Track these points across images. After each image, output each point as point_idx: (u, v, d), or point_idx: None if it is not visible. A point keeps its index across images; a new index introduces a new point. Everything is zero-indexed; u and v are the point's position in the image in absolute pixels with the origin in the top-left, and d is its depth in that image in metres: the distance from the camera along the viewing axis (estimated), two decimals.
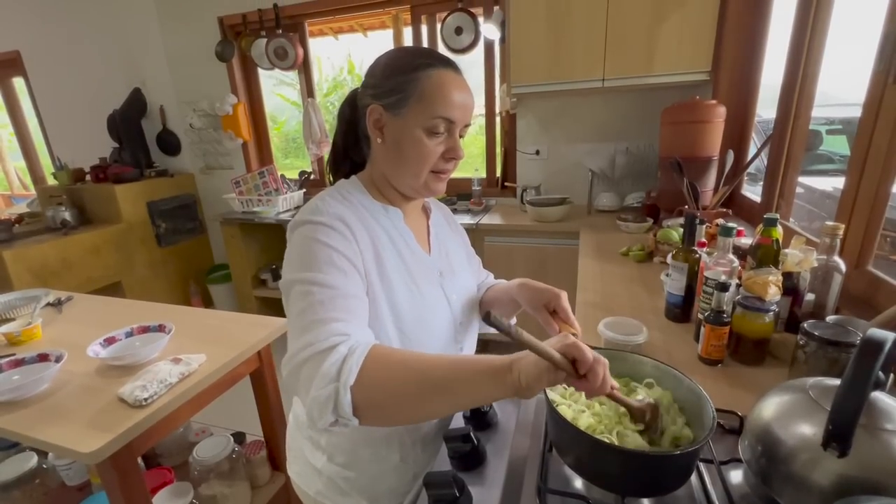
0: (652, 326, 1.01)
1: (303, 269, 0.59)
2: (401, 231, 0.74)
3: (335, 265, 0.60)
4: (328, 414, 0.49)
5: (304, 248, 0.62)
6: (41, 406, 0.98)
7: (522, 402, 0.78)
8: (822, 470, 0.47)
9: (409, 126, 0.66)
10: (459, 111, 0.66)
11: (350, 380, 0.49)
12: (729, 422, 0.67)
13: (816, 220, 1.95)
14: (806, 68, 1.41)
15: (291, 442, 0.86)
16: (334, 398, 0.49)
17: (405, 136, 0.66)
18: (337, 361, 0.50)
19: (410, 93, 0.65)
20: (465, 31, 2.44)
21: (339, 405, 0.49)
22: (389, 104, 0.66)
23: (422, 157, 0.67)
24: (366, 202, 0.73)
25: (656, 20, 1.89)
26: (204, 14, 2.92)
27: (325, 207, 0.66)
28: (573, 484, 0.59)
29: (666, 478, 0.51)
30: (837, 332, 0.73)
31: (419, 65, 0.65)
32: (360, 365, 0.50)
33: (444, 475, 0.56)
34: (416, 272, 0.72)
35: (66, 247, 2.57)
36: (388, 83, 0.66)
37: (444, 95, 0.65)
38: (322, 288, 0.57)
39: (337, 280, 0.59)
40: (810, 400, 0.51)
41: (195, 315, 1.43)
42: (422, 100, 0.65)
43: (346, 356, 0.51)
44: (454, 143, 0.68)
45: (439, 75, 0.65)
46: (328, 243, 0.61)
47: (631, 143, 2.40)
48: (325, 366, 0.50)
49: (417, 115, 0.65)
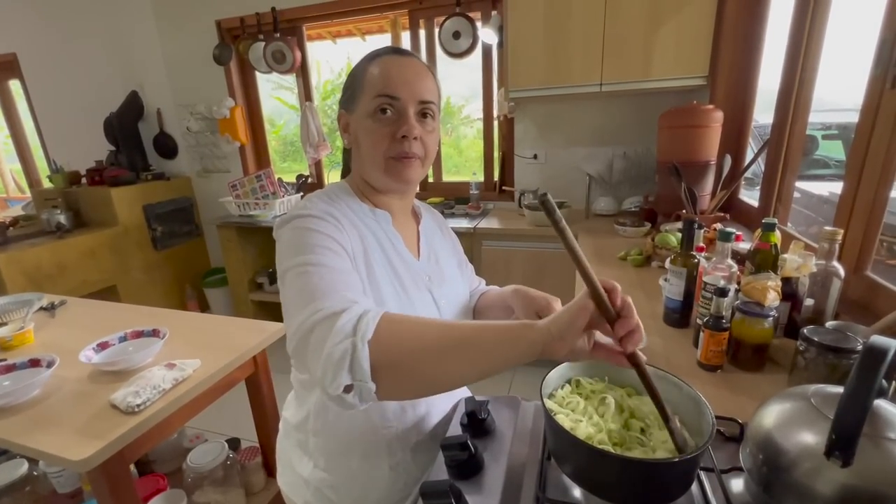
0: (650, 331, 1.00)
1: (296, 255, 0.58)
2: (389, 234, 0.73)
3: (327, 247, 0.59)
4: (343, 373, 0.45)
5: (294, 238, 0.61)
6: (32, 413, 0.96)
7: (520, 410, 0.77)
8: (825, 479, 0.46)
9: (360, 117, 0.67)
10: (403, 87, 0.65)
11: (368, 333, 0.46)
12: (729, 429, 0.67)
13: (814, 225, 1.95)
14: (803, 73, 1.41)
15: (280, 451, 0.84)
16: (351, 353, 0.45)
17: (359, 129, 0.68)
18: (352, 318, 0.47)
19: (357, 86, 0.67)
20: (463, 35, 2.45)
21: (356, 362, 0.45)
22: (345, 104, 0.70)
23: (373, 143, 0.66)
24: (353, 204, 0.72)
25: (653, 25, 1.90)
26: (202, 17, 2.92)
27: (310, 205, 0.66)
28: (572, 493, 0.58)
29: (666, 486, 0.50)
30: (837, 338, 0.73)
31: (365, 59, 0.69)
32: (377, 322, 0.47)
33: (441, 484, 0.55)
34: (404, 276, 0.72)
35: (61, 250, 2.55)
36: (346, 86, 0.70)
37: (384, 75, 0.65)
38: (318, 267, 0.56)
39: (331, 259, 0.58)
40: (812, 408, 0.50)
41: (190, 319, 1.41)
42: (364, 88, 0.66)
43: (362, 314, 0.48)
44: (406, 122, 0.66)
45: (381, 61, 0.67)
46: (318, 230, 0.61)
47: (628, 148, 2.40)
48: (340, 323, 0.47)
49: (365, 104, 0.66)
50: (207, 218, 3.34)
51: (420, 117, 0.68)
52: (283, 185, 2.84)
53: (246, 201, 2.73)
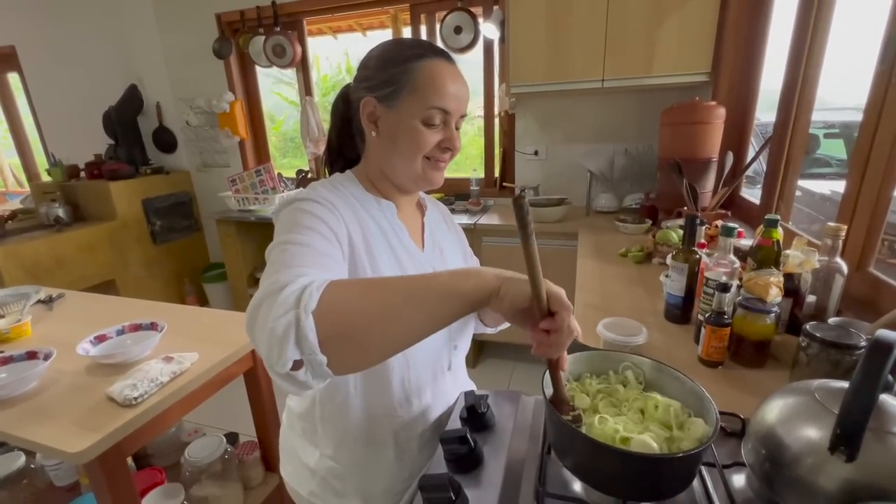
0: (651, 327, 0.99)
1: (283, 234, 0.58)
2: (393, 225, 0.73)
3: (314, 229, 0.59)
4: (288, 348, 0.42)
5: (287, 219, 0.61)
6: (28, 405, 0.96)
7: (520, 404, 0.77)
8: (829, 475, 0.46)
9: (403, 118, 0.65)
10: (454, 101, 0.66)
11: (311, 304, 0.43)
12: (731, 424, 0.66)
13: (815, 223, 1.95)
14: (807, 70, 1.41)
15: (284, 441, 0.84)
16: (295, 327, 0.42)
17: (400, 128, 0.66)
18: (296, 290, 0.44)
19: (404, 84, 0.65)
20: (464, 30, 2.43)
21: (302, 335, 0.42)
22: (383, 96, 0.66)
23: (417, 146, 0.66)
24: (358, 194, 0.72)
25: (656, 21, 1.88)
26: (201, 10, 2.90)
27: (312, 191, 0.66)
28: (572, 487, 0.58)
29: (668, 481, 0.50)
30: (840, 335, 0.72)
31: (411, 55, 0.65)
32: (321, 291, 0.44)
33: (440, 478, 0.54)
34: (408, 267, 0.71)
35: (60, 244, 2.54)
36: (382, 75, 0.66)
37: (438, 86, 0.65)
38: (297, 246, 0.55)
39: (314, 241, 0.57)
40: (816, 402, 0.50)
41: (188, 313, 1.41)
42: (415, 91, 0.64)
43: (306, 286, 0.45)
44: (451, 134, 0.68)
45: (432, 65, 0.65)
46: (311, 211, 0.61)
47: (630, 145, 2.39)
48: (283, 295, 0.44)
49: (412, 106, 0.65)
50: (207, 213, 3.34)
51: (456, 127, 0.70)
52: (283, 181, 2.82)
53: (245, 196, 2.72)
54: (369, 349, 0.47)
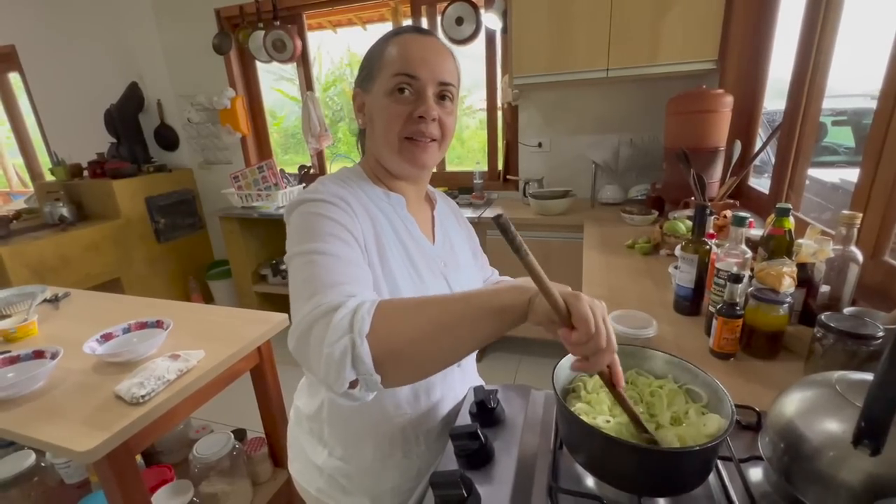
0: (661, 320, 0.98)
1: (304, 242, 0.58)
2: (403, 218, 0.72)
3: (336, 235, 0.58)
4: (346, 370, 0.45)
5: (304, 223, 0.60)
6: (36, 404, 0.96)
7: (531, 398, 0.76)
8: (852, 468, 0.44)
9: (376, 96, 0.66)
10: (424, 67, 0.63)
11: (364, 328, 0.45)
12: (745, 417, 0.65)
13: (826, 212, 1.92)
14: (817, 57, 1.37)
15: (292, 438, 0.84)
16: (351, 351, 0.45)
17: (375, 107, 0.66)
18: (347, 314, 0.47)
19: (375, 64, 0.66)
20: (465, 21, 2.40)
21: (358, 358, 0.45)
22: (362, 83, 0.68)
23: (388, 121, 0.65)
24: (366, 187, 0.71)
25: (662, 8, 1.85)
26: (200, 6, 2.87)
27: (322, 188, 0.65)
28: (586, 482, 0.57)
29: (684, 476, 0.49)
30: (856, 325, 0.71)
31: (386, 38, 0.67)
32: (372, 313, 0.47)
33: (452, 474, 0.53)
34: (418, 260, 0.70)
35: (64, 243, 2.54)
36: (364, 64, 0.68)
37: (403, 54, 0.63)
38: (324, 256, 0.55)
39: (339, 249, 0.57)
40: (837, 395, 0.48)
41: (194, 311, 1.40)
42: (383, 67, 0.64)
43: (356, 308, 0.48)
44: (423, 102, 0.64)
45: (401, 40, 0.65)
46: (328, 215, 0.60)
47: (635, 135, 2.36)
48: (336, 318, 0.47)
49: (382, 82, 0.65)
50: (210, 210, 3.33)
51: (438, 99, 0.66)
52: (286, 176, 2.81)
53: (248, 193, 2.71)
54: (420, 367, 0.50)
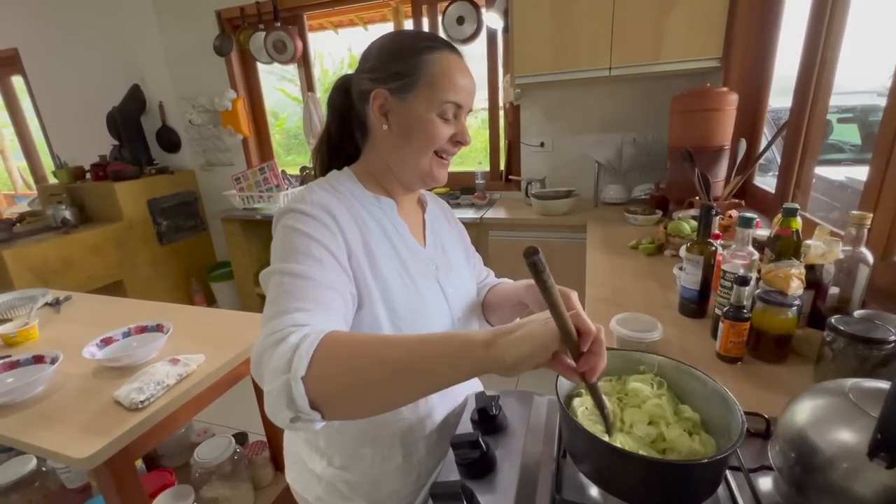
0: (666, 322, 0.96)
1: (279, 260, 0.58)
2: (394, 223, 0.71)
3: (312, 255, 0.57)
4: (284, 409, 0.45)
5: (284, 238, 0.60)
6: (35, 409, 0.95)
7: (533, 405, 0.75)
8: (867, 481, 0.43)
9: (418, 110, 0.65)
10: (466, 95, 0.66)
11: (300, 370, 0.44)
12: (754, 424, 0.63)
13: (833, 211, 1.89)
14: (824, 53, 1.35)
15: (288, 447, 0.83)
16: (287, 392, 0.44)
17: (414, 121, 0.65)
18: (287, 352, 0.46)
19: (418, 76, 0.64)
20: (466, 20, 2.39)
21: (294, 399, 0.44)
22: (395, 88, 0.64)
23: (431, 139, 0.66)
24: (357, 193, 0.70)
25: (665, 5, 1.83)
26: (201, 8, 2.87)
27: (311, 196, 0.64)
28: (590, 493, 0.56)
29: (693, 489, 0.47)
30: (867, 328, 0.69)
31: (424, 48, 0.64)
32: (311, 354, 0.45)
33: (453, 485, 0.52)
34: (410, 265, 0.69)
35: (67, 245, 2.55)
36: (393, 66, 0.64)
37: (452, 79, 0.65)
38: (294, 278, 0.55)
39: (312, 270, 0.56)
40: (851, 404, 0.47)
41: (194, 314, 1.40)
42: (431, 84, 0.64)
43: (297, 345, 0.46)
44: (462, 128, 0.69)
45: (445, 59, 0.65)
46: (307, 233, 0.59)
47: (638, 134, 2.34)
48: (276, 357, 0.46)
49: (427, 99, 0.64)
50: (212, 212, 3.33)
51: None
52: (287, 178, 2.81)
53: (250, 194, 2.71)
54: (360, 410, 0.50)
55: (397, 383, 0.46)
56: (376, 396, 0.47)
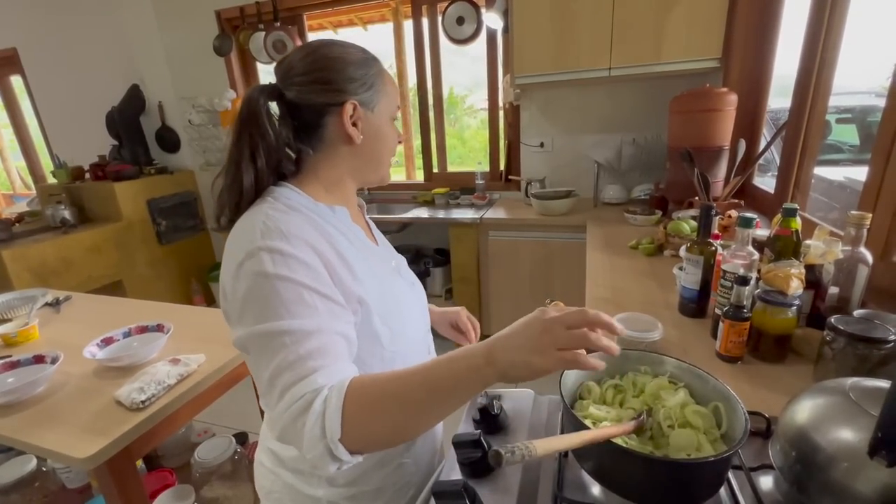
0: (666, 322, 0.97)
1: (264, 319, 0.52)
2: (352, 229, 0.69)
3: (304, 303, 0.53)
4: (329, 465, 0.49)
5: (263, 289, 0.53)
6: (36, 409, 0.95)
7: (534, 404, 0.75)
8: (867, 479, 0.43)
9: (383, 119, 0.69)
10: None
11: (335, 433, 0.47)
12: (755, 423, 0.63)
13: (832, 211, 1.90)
14: (824, 54, 1.36)
15: (274, 485, 0.73)
16: (329, 454, 0.48)
17: (380, 127, 0.69)
18: (316, 420, 0.48)
19: (379, 87, 0.68)
20: (466, 20, 2.39)
21: (337, 457, 0.49)
22: (364, 100, 0.66)
23: (393, 144, 0.72)
24: (310, 206, 0.65)
25: (664, 6, 1.83)
26: (201, 7, 2.87)
27: (275, 225, 0.56)
28: (591, 491, 0.56)
29: (696, 487, 0.47)
30: (867, 328, 0.69)
31: (370, 58, 0.68)
32: (340, 416, 0.48)
33: (455, 484, 0.52)
34: (376, 266, 0.69)
35: (66, 246, 2.54)
36: (360, 78, 0.65)
37: (395, 86, 0.72)
38: (293, 335, 0.51)
39: (310, 322, 0.52)
40: (851, 403, 0.47)
41: (195, 314, 1.40)
42: (387, 93, 0.69)
43: (323, 412, 0.48)
44: (400, 130, 0.75)
45: (382, 70, 0.70)
46: (292, 278, 0.53)
47: (638, 134, 2.34)
48: (307, 428, 0.48)
49: (387, 106, 0.69)
50: (211, 212, 3.32)
51: None
52: None
53: None
54: (396, 441, 0.53)
55: (421, 419, 0.51)
56: (406, 432, 0.52)
